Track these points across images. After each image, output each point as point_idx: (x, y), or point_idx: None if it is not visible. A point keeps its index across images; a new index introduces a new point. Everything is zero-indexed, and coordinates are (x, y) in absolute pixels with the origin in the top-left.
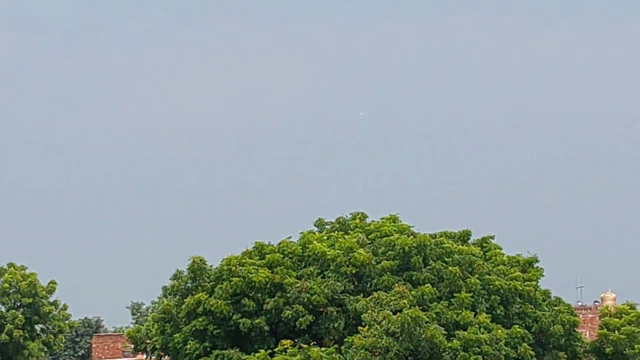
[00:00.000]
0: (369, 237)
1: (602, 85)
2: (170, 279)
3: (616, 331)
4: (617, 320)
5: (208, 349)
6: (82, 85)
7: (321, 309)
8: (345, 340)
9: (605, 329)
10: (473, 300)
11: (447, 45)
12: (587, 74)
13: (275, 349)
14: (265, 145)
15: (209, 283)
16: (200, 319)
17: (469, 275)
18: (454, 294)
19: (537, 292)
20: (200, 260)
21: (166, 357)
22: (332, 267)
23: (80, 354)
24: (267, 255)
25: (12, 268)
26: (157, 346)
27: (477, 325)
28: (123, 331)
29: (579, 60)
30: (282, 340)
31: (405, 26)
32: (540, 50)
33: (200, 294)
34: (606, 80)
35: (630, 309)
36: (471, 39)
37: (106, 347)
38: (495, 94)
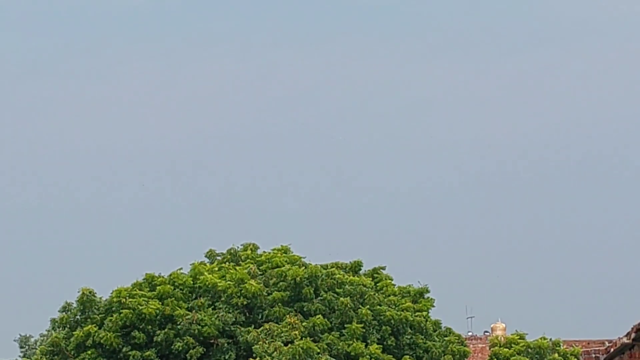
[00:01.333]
0: (260, 268)
1: (486, 117)
2: (59, 311)
3: None
4: (506, 350)
5: None
6: None
7: (212, 341)
8: None
9: (495, 359)
10: (364, 331)
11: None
12: (476, 105)
13: None
14: (153, 176)
15: (98, 315)
16: (89, 352)
17: (360, 306)
18: (345, 325)
19: (427, 322)
20: (90, 292)
21: None
22: (223, 299)
23: None
24: (158, 287)
25: None
26: None
27: (368, 356)
28: None
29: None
30: None
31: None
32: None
33: (90, 326)
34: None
35: (519, 338)
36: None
37: None
38: (383, 119)
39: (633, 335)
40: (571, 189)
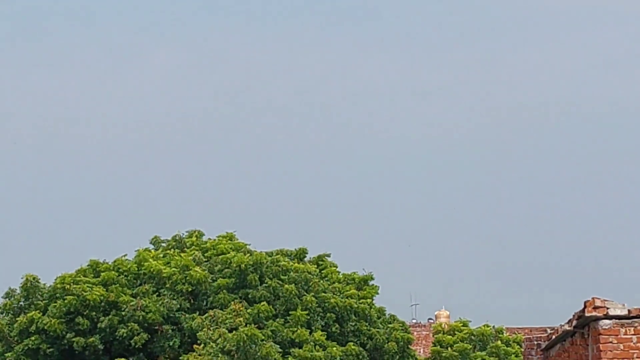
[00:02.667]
0: (205, 255)
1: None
2: (2, 297)
3: (449, 348)
4: (450, 337)
5: None
6: None
7: (156, 327)
8: (180, 358)
9: (439, 346)
10: (309, 318)
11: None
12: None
13: None
14: (99, 162)
15: (42, 301)
16: (33, 338)
17: (305, 293)
18: (290, 312)
19: (372, 309)
20: (34, 278)
21: None
22: (167, 285)
23: None
24: (102, 273)
25: None
26: None
27: (312, 343)
28: None
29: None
30: (116, 359)
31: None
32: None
33: (33, 312)
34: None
35: (463, 326)
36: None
37: None
38: (326, 108)
39: (574, 322)
40: (514, 179)
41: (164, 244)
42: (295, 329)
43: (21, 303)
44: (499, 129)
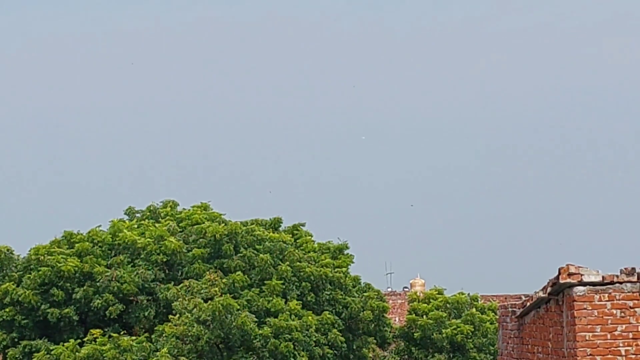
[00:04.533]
0: (180, 225)
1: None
2: None
3: (424, 316)
4: (425, 305)
5: (16, 340)
6: None
7: (131, 298)
8: (155, 329)
9: (414, 314)
10: (284, 287)
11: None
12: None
13: (85, 339)
14: (75, 133)
15: (16, 273)
16: (7, 310)
17: (280, 263)
18: (265, 282)
19: (347, 278)
20: (7, 249)
21: None
22: (142, 256)
23: None
24: (77, 244)
25: None
26: None
27: (287, 312)
28: None
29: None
30: (91, 330)
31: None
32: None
33: (8, 284)
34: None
35: (438, 294)
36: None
37: None
38: (301, 75)
39: (549, 289)
40: (489, 145)
41: (138, 215)
42: (271, 298)
43: None
44: (473, 99)
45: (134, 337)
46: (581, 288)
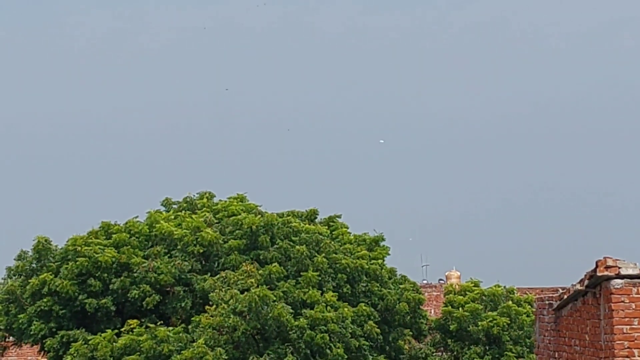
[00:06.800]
0: (217, 216)
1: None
2: (14, 259)
3: (460, 308)
4: (461, 297)
5: (53, 330)
6: None
7: (168, 289)
8: (192, 319)
9: (450, 307)
10: (320, 278)
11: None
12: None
13: (122, 329)
14: (111, 123)
15: (54, 263)
16: (45, 300)
17: (316, 254)
18: (301, 273)
19: (383, 270)
20: (45, 240)
21: (10, 337)
22: (179, 247)
23: None
24: (114, 235)
25: None
26: (2, 327)
27: (323, 304)
28: None
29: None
30: (128, 320)
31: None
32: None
33: (45, 274)
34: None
35: (474, 286)
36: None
37: None
38: (337, 65)
39: (586, 282)
40: (521, 139)
41: (175, 206)
42: (307, 289)
43: (33, 265)
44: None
45: (170, 328)
46: (619, 281)
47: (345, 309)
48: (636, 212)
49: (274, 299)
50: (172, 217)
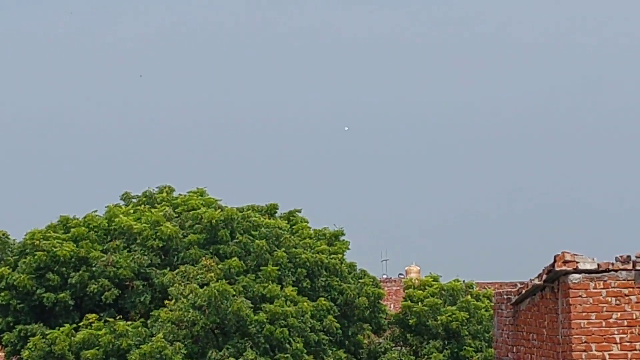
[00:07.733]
0: (176, 210)
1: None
2: None
3: (419, 303)
4: (420, 292)
5: (11, 324)
6: None
7: (127, 283)
8: (151, 314)
9: (409, 301)
10: (279, 273)
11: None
12: None
13: (80, 324)
14: (70, 116)
15: (11, 257)
16: (2, 294)
17: (276, 249)
18: (261, 267)
19: (342, 265)
20: (3, 234)
21: None
22: (138, 241)
23: None
24: (72, 229)
25: None
26: None
27: (283, 298)
28: None
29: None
30: (87, 315)
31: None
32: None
33: (3, 268)
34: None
35: (433, 281)
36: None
37: None
38: (298, 57)
39: (544, 276)
40: (491, 130)
41: (134, 200)
42: (267, 284)
43: None
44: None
45: (129, 322)
46: (576, 276)
47: (305, 304)
48: (594, 207)
49: (234, 293)
50: (132, 211)
